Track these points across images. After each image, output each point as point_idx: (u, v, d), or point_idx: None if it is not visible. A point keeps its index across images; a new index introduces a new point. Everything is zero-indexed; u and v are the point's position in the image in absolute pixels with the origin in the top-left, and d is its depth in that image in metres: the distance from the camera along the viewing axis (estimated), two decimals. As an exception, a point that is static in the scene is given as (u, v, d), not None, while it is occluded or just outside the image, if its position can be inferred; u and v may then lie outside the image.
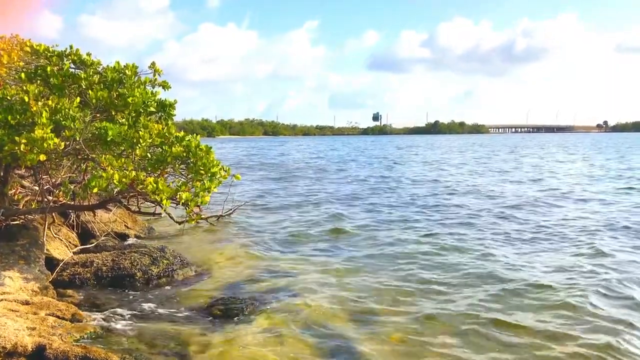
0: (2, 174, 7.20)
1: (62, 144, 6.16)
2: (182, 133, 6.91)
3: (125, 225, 11.87)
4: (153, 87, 7.65)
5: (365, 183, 25.65)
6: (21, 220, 8.23)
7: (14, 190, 7.71)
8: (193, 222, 6.79)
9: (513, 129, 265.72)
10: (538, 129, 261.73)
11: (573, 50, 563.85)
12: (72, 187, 7.81)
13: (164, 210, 6.60)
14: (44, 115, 6.01)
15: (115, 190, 6.61)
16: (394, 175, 30.16)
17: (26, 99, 6.11)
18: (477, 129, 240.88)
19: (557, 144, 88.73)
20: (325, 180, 27.45)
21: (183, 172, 6.88)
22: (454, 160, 45.36)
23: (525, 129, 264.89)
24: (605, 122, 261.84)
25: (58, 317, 6.29)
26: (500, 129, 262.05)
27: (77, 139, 6.43)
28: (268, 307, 7.54)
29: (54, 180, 7.99)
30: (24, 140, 5.83)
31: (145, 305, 7.55)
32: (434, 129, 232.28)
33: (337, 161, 45.93)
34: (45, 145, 5.86)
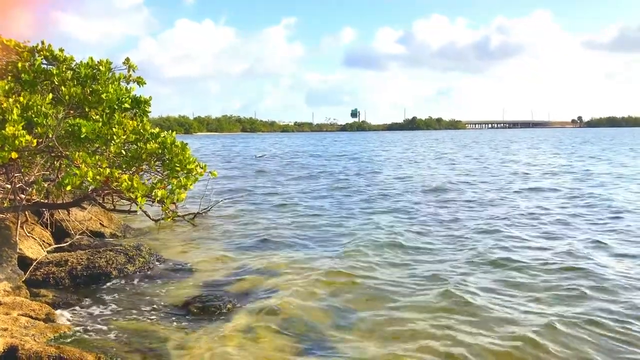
0: (-28, 172, 7.05)
1: (35, 141, 6.05)
2: (157, 129, 6.84)
3: (100, 223, 11.72)
4: (128, 84, 7.56)
5: (342, 179, 25.72)
6: (-7, 219, 8.07)
7: (-15, 189, 7.55)
8: (169, 219, 6.72)
9: (490, 125, 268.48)
10: (514, 125, 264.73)
11: (547, 47, 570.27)
12: (45, 185, 7.67)
13: (140, 208, 6.52)
14: (15, 112, 5.89)
15: (90, 188, 6.52)
16: (365, 171, 30.32)
17: (-4, 95, 5.99)
18: (454, 125, 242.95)
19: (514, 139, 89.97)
20: (302, 178, 27.45)
21: (159, 169, 6.81)
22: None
23: (502, 124, 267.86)
24: (580, 118, 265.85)
25: (31, 317, 6.19)
26: (477, 125, 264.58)
27: (50, 136, 6.33)
28: (245, 304, 7.52)
29: (26, 178, 7.84)
30: (-6, 138, 5.72)
31: (121, 304, 7.47)
32: (412, 125, 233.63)
33: (314, 157, 45.95)
34: (16, 142, 5.75)
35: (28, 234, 8.95)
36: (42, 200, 7.94)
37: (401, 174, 28.27)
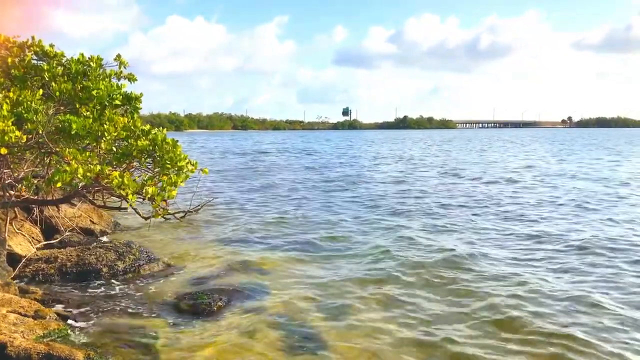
0: (-39, 167, 7.00)
1: (24, 137, 6.00)
2: (148, 126, 6.81)
3: (90, 220, 11.67)
4: (119, 80, 7.52)
5: (330, 177, 25.76)
6: (-19, 216, 8.02)
7: (-27, 185, 7.50)
8: (159, 217, 6.70)
9: (480, 125, 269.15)
10: (505, 125, 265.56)
11: (538, 47, 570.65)
12: (35, 181, 7.63)
13: (130, 205, 6.50)
14: (4, 107, 5.85)
15: (80, 184, 6.48)
16: (359, 170, 30.42)
17: (-14, 90, 5.94)
18: (445, 124, 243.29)
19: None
20: (292, 175, 27.46)
21: (149, 166, 6.78)
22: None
23: (492, 124, 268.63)
24: (570, 118, 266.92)
25: (20, 314, 6.16)
26: (467, 125, 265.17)
27: (40, 132, 6.29)
28: (236, 302, 7.52)
29: (16, 174, 7.79)
30: (-17, 133, 5.67)
31: (111, 301, 7.46)
32: (403, 124, 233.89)
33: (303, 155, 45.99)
34: (6, 138, 5.71)
35: (17, 231, 8.91)
36: (31, 197, 7.90)
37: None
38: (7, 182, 7.36)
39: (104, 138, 6.42)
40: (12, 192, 7.46)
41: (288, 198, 18.55)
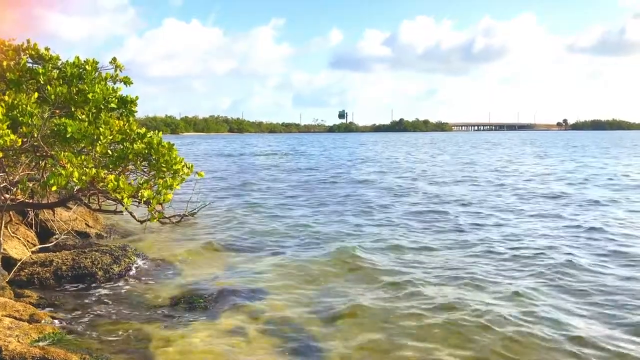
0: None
1: (20, 140, 6.00)
2: (143, 129, 6.81)
3: (86, 223, 11.65)
4: (114, 83, 7.52)
5: (326, 179, 25.80)
6: (-24, 219, 7.99)
7: (-32, 188, 7.47)
8: (155, 220, 6.70)
9: (476, 127, 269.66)
10: (500, 127, 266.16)
11: (533, 49, 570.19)
12: (30, 184, 7.61)
13: (126, 209, 6.49)
14: (-1, 111, 5.85)
15: (75, 188, 6.47)
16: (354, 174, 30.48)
17: (-20, 94, 5.93)
18: (441, 127, 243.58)
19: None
20: (287, 178, 27.47)
21: (145, 170, 6.78)
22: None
23: (488, 126, 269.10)
24: (565, 121, 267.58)
25: (15, 318, 6.14)
26: (463, 127, 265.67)
27: (35, 135, 6.29)
28: (231, 304, 7.52)
29: (11, 177, 7.77)
30: (-22, 137, 5.66)
31: (107, 304, 7.44)
32: (399, 126, 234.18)
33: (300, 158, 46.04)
34: (1, 141, 5.70)
35: (12, 234, 8.88)
36: (26, 200, 7.87)
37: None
38: (2, 185, 7.34)
39: (99, 141, 6.42)
40: (7, 196, 7.44)
41: (284, 199, 18.55)
